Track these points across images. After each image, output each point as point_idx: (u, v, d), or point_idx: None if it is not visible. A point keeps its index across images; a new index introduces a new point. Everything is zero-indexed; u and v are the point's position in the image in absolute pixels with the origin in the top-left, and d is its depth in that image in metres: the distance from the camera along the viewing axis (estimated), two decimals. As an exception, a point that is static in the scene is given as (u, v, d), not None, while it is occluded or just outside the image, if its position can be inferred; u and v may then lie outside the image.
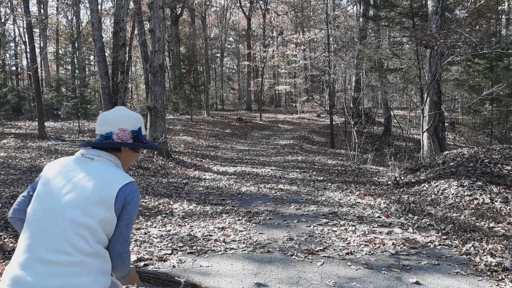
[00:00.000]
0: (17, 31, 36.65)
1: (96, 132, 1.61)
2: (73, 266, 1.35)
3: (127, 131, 1.57)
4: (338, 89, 28.39)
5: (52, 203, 1.42)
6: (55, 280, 1.33)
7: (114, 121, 1.57)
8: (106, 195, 1.43)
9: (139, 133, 1.60)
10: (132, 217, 1.51)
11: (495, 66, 12.55)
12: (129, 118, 1.59)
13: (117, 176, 1.49)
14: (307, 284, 3.40)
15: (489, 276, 3.49)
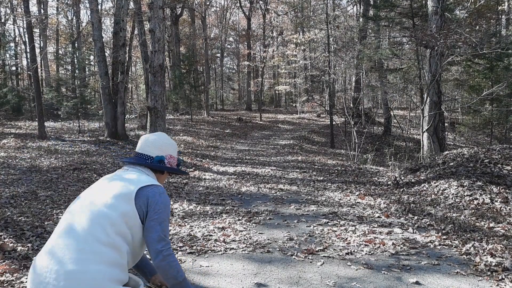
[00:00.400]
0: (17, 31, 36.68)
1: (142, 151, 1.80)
2: (90, 253, 1.46)
3: (174, 159, 1.84)
4: (338, 89, 28.39)
5: (87, 200, 1.61)
6: (73, 265, 1.44)
7: (165, 147, 1.82)
8: (126, 190, 1.60)
9: (180, 162, 1.89)
10: (162, 217, 1.61)
11: (495, 66, 12.55)
12: (174, 147, 1.89)
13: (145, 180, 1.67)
14: (307, 284, 3.40)
15: (489, 276, 3.49)
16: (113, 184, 1.63)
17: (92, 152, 11.19)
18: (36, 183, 7.21)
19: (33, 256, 3.82)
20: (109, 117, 14.00)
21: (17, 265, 3.58)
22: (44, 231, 4.59)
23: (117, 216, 1.53)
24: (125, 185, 1.62)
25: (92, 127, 18.10)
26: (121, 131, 14.23)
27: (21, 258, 3.76)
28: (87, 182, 7.55)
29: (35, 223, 4.79)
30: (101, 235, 1.49)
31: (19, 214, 5.13)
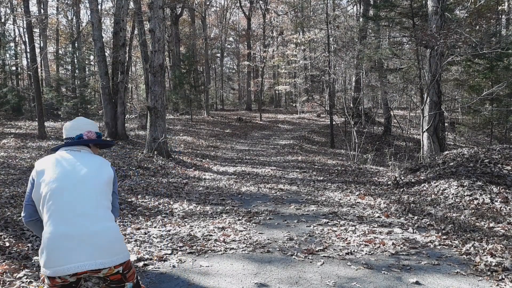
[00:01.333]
0: (17, 31, 36.64)
1: (66, 136, 2.23)
2: (104, 215, 2.01)
3: (92, 133, 2.25)
4: (338, 89, 28.37)
5: (74, 178, 2.02)
6: (96, 226, 1.95)
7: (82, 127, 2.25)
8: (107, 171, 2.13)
9: (100, 135, 2.30)
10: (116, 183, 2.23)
11: (495, 66, 12.54)
12: (92, 124, 2.29)
13: (103, 160, 2.19)
14: (307, 284, 3.40)
15: (489, 276, 3.49)
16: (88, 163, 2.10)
17: (92, 152, 11.19)
18: (36, 183, 7.20)
19: (33, 256, 3.82)
20: (109, 117, 14.00)
21: (17, 265, 3.58)
22: (44, 231, 4.59)
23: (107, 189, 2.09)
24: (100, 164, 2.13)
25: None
26: (121, 131, 14.23)
27: (21, 258, 3.76)
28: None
29: (35, 223, 4.79)
30: (104, 201, 2.05)
31: (19, 214, 5.13)
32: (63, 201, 1.96)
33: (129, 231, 4.83)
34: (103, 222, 1.98)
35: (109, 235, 1.97)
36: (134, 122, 19.90)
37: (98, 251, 1.92)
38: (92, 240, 1.91)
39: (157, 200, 6.56)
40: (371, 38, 18.51)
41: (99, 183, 2.06)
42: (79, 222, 1.92)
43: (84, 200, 1.98)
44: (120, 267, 2.01)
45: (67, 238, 1.89)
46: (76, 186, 2.00)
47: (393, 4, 13.20)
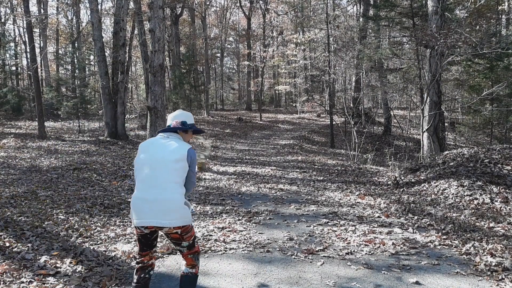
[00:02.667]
0: (17, 31, 36.62)
1: (167, 124, 2.89)
2: (171, 188, 2.58)
3: (178, 122, 2.84)
4: (338, 89, 28.36)
5: (157, 156, 2.64)
6: (164, 195, 2.56)
7: (172, 117, 2.88)
8: (181, 153, 2.65)
9: (184, 124, 2.85)
10: (195, 165, 2.75)
11: (495, 66, 12.53)
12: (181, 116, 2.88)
13: (184, 144, 2.73)
14: (307, 284, 3.40)
15: (489, 276, 3.49)
16: (169, 147, 2.66)
17: (92, 152, 11.20)
18: (36, 183, 7.21)
19: (33, 255, 3.82)
20: (109, 117, 13.99)
21: (17, 265, 3.58)
22: (44, 231, 4.59)
23: (179, 167, 2.63)
24: (177, 147, 2.66)
25: (92, 127, 18.10)
26: (121, 131, 14.23)
27: (21, 258, 3.76)
28: (87, 182, 7.55)
29: (35, 223, 4.80)
30: (175, 178, 2.60)
31: (19, 214, 5.13)
32: (144, 175, 2.64)
33: (129, 231, 4.83)
34: (169, 193, 2.56)
35: (172, 203, 2.55)
36: (134, 122, 19.90)
37: (162, 214, 2.52)
38: (159, 205, 2.53)
39: (157, 200, 6.55)
40: (371, 38, 18.51)
41: (171, 162, 2.60)
42: (152, 191, 2.56)
43: (157, 175, 2.59)
44: (179, 229, 2.62)
45: (143, 201, 2.57)
46: (155, 163, 2.62)
47: (393, 4, 13.20)
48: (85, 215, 5.39)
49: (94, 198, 6.25)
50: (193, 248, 2.74)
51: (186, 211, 2.61)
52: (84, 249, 4.08)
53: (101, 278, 3.45)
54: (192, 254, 2.74)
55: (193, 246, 2.74)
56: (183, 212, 2.59)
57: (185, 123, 2.84)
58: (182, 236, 2.66)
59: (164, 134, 2.78)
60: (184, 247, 2.71)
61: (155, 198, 2.55)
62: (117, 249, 4.18)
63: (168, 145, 2.68)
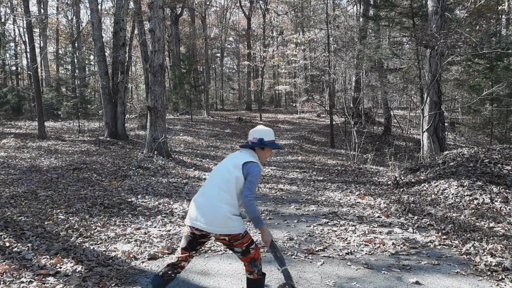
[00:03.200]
0: (17, 31, 36.60)
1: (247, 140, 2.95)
2: (220, 197, 2.65)
3: (256, 139, 2.85)
4: (338, 89, 28.35)
5: (221, 166, 2.84)
6: (212, 203, 2.65)
7: (251, 134, 2.92)
8: (237, 163, 2.73)
9: (261, 140, 2.85)
10: (253, 179, 2.68)
11: (495, 66, 12.53)
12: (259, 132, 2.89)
13: (248, 157, 2.77)
14: (307, 284, 3.40)
15: (489, 276, 3.49)
16: (233, 159, 2.81)
17: (92, 152, 11.20)
18: (36, 183, 7.21)
19: (33, 255, 3.83)
20: (109, 117, 13.99)
21: (17, 265, 3.58)
22: (44, 231, 4.59)
23: (232, 177, 2.68)
24: (238, 160, 2.76)
25: (92, 127, 18.10)
26: (121, 131, 14.23)
27: (21, 258, 3.76)
28: (87, 182, 7.55)
29: (35, 223, 4.79)
30: (225, 187, 2.67)
31: (19, 214, 5.13)
32: (206, 182, 2.84)
33: (129, 231, 4.83)
34: (216, 201, 2.65)
35: (217, 212, 2.63)
36: (134, 122, 19.90)
37: (208, 220, 2.64)
38: (207, 211, 2.65)
39: (157, 200, 6.56)
40: (371, 38, 18.51)
41: (226, 172, 2.73)
42: (205, 197, 2.72)
43: (213, 182, 2.75)
44: (226, 236, 2.69)
45: (198, 204, 2.72)
46: (216, 171, 2.83)
47: (393, 4, 13.19)
48: (85, 215, 5.39)
49: (94, 198, 6.25)
50: (247, 254, 2.75)
51: (232, 221, 2.63)
52: (84, 249, 4.08)
53: (101, 278, 3.45)
54: (248, 261, 2.77)
55: (247, 252, 2.75)
56: (228, 221, 2.62)
57: (261, 140, 2.85)
58: (231, 243, 2.73)
59: (241, 149, 2.91)
60: (238, 252, 2.77)
61: (206, 204, 2.69)
62: (117, 249, 4.18)
63: (235, 157, 2.85)
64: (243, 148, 2.90)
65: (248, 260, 2.76)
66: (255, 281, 2.80)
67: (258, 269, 2.78)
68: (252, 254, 2.76)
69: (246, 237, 2.73)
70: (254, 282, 2.80)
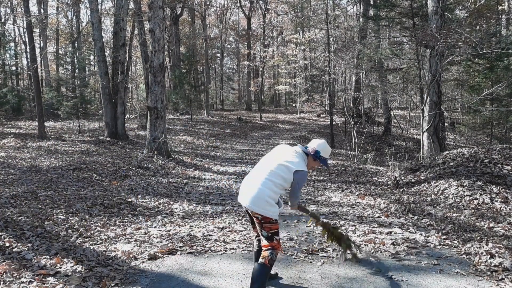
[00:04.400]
0: (17, 31, 36.59)
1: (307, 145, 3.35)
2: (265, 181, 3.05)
3: (314, 149, 3.27)
4: (338, 89, 28.36)
5: (274, 156, 3.21)
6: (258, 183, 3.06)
7: (311, 144, 3.32)
8: (291, 167, 3.09)
9: (317, 153, 3.27)
10: (299, 182, 3.13)
11: (495, 66, 12.52)
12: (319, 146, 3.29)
13: (301, 165, 3.15)
14: (307, 284, 3.40)
15: (489, 276, 3.49)
16: (288, 157, 3.15)
17: (92, 152, 11.20)
18: (36, 183, 7.21)
19: (33, 255, 3.83)
20: (109, 117, 13.99)
21: (17, 265, 3.58)
22: (44, 231, 4.59)
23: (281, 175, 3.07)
24: (292, 164, 3.11)
25: (92, 127, 18.10)
26: (121, 131, 14.23)
27: (21, 258, 3.76)
28: (87, 182, 7.55)
29: (35, 223, 4.79)
30: (274, 178, 3.06)
31: (19, 214, 5.13)
32: (257, 164, 3.26)
33: (129, 231, 4.83)
34: (261, 185, 3.03)
35: (259, 193, 3.01)
36: (134, 122, 19.90)
37: (251, 198, 3.03)
38: (251, 191, 3.06)
39: (157, 200, 6.56)
40: (371, 38, 18.51)
41: (279, 165, 3.09)
42: (253, 178, 3.13)
43: (264, 168, 3.13)
44: (259, 216, 3.05)
45: (245, 183, 3.17)
46: (269, 160, 3.19)
47: (393, 4, 13.19)
48: (85, 215, 5.39)
49: (94, 198, 6.25)
50: (270, 241, 3.07)
51: (268, 205, 3.02)
52: (84, 249, 4.08)
53: (101, 278, 3.45)
54: (268, 247, 3.06)
55: (271, 239, 3.08)
56: (265, 203, 3.00)
57: (318, 153, 3.28)
58: (261, 223, 3.07)
59: (299, 149, 3.30)
60: (263, 236, 3.10)
61: (253, 184, 3.08)
62: (117, 249, 4.18)
63: (290, 154, 3.19)
64: (302, 151, 3.28)
65: (268, 246, 3.06)
66: (265, 266, 3.00)
67: (271, 257, 3.02)
68: (275, 244, 3.08)
69: (275, 224, 3.10)
70: (263, 266, 3.00)
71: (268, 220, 3.04)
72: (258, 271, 2.99)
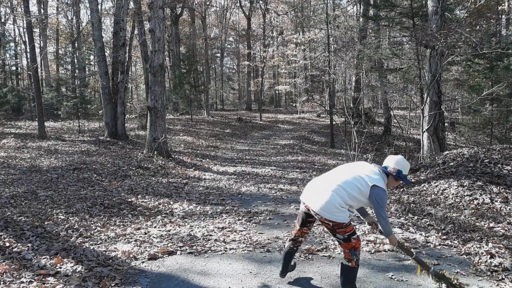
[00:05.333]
0: (17, 31, 36.60)
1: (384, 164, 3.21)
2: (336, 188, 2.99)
3: (395, 170, 3.12)
4: (338, 89, 28.38)
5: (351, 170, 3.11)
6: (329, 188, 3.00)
7: (391, 162, 3.17)
8: (369, 181, 2.99)
9: (400, 173, 3.11)
10: (378, 200, 2.97)
11: (495, 66, 12.52)
12: (399, 164, 3.15)
13: (380, 181, 3.03)
14: (307, 284, 3.40)
15: (489, 276, 3.49)
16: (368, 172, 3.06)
17: (92, 152, 11.19)
18: (36, 183, 7.21)
19: (33, 255, 3.83)
20: (109, 117, 13.99)
21: (17, 265, 3.58)
22: (44, 231, 4.59)
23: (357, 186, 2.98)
24: (371, 178, 3.01)
25: (92, 127, 18.10)
26: (121, 131, 14.23)
27: (21, 258, 3.76)
28: (87, 182, 7.55)
29: (35, 223, 4.80)
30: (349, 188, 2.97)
31: (19, 214, 5.13)
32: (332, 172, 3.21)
33: (129, 231, 4.83)
34: (333, 192, 2.97)
35: (330, 199, 2.95)
36: (134, 122, 19.89)
37: (320, 202, 2.98)
38: (322, 195, 3.00)
39: (157, 200, 6.56)
40: (371, 38, 18.50)
41: (355, 180, 3.00)
42: (326, 184, 3.05)
43: (337, 177, 3.06)
44: (330, 222, 2.99)
45: (314, 184, 3.15)
46: (346, 170, 3.13)
47: (393, 4, 13.19)
48: (85, 215, 5.39)
49: (94, 198, 6.25)
50: (349, 243, 3.03)
51: (338, 211, 2.95)
52: (84, 249, 4.08)
53: (101, 278, 3.45)
54: (349, 249, 3.03)
55: (348, 240, 3.02)
56: (335, 210, 2.94)
57: (400, 172, 3.13)
58: (334, 229, 3.03)
59: (377, 169, 3.14)
60: (339, 239, 3.06)
61: (323, 188, 3.03)
62: (117, 249, 4.18)
63: (370, 171, 3.09)
64: (379, 171, 3.13)
65: (349, 248, 3.03)
66: (353, 269, 3.04)
67: (357, 258, 3.04)
68: (353, 243, 3.03)
69: (349, 227, 3.03)
70: (351, 269, 3.04)
71: (341, 225, 2.99)
72: (348, 274, 3.06)
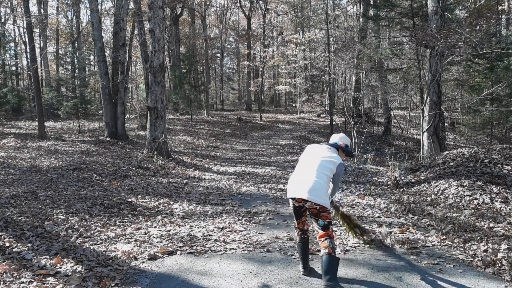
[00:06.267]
0: (17, 31, 36.58)
1: (331, 141, 3.80)
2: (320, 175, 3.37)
3: (344, 143, 3.75)
4: (338, 89, 28.36)
5: (315, 156, 3.53)
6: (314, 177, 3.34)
7: (339, 138, 3.78)
8: (335, 161, 3.47)
9: (347, 146, 3.75)
10: (340, 173, 3.52)
11: (495, 66, 12.52)
12: (345, 139, 3.79)
13: (339, 158, 3.55)
14: (307, 284, 3.40)
15: (489, 276, 3.49)
16: (329, 154, 3.53)
17: (92, 152, 11.20)
18: (36, 183, 7.21)
19: (33, 255, 3.83)
20: (109, 117, 13.99)
21: (17, 265, 3.58)
22: (44, 231, 4.59)
23: (329, 167, 3.43)
24: (334, 158, 3.49)
25: (92, 127, 18.10)
26: (121, 131, 14.23)
27: (21, 258, 3.76)
28: (87, 182, 7.55)
29: (35, 223, 4.80)
30: (324, 171, 3.40)
31: (19, 214, 5.13)
32: (303, 163, 3.55)
33: (129, 231, 4.83)
34: (317, 177, 3.35)
35: (317, 185, 3.31)
36: (134, 122, 19.89)
37: (310, 190, 3.29)
38: (307, 184, 3.32)
39: (157, 200, 6.56)
40: (371, 38, 18.50)
41: (326, 161, 3.44)
42: (306, 174, 3.41)
43: (313, 165, 3.44)
44: (319, 206, 3.33)
45: (298, 181, 3.41)
46: (314, 157, 3.50)
47: (393, 4, 13.19)
48: (85, 215, 5.39)
49: (94, 198, 6.25)
50: (327, 230, 3.32)
51: (326, 196, 3.34)
52: (84, 249, 4.08)
53: (101, 278, 3.45)
54: (325, 237, 3.30)
55: (327, 228, 3.33)
56: (323, 194, 3.31)
57: (347, 146, 3.76)
58: (319, 213, 3.34)
59: (329, 146, 3.66)
60: (320, 225, 3.34)
61: (306, 179, 3.35)
62: (117, 249, 4.18)
63: (329, 151, 3.57)
64: (332, 147, 3.65)
65: (326, 236, 3.30)
66: (331, 256, 3.20)
67: (332, 246, 3.26)
68: (330, 232, 3.34)
69: (330, 214, 3.39)
70: (330, 256, 3.20)
71: (326, 209, 3.34)
72: (328, 262, 3.18)
